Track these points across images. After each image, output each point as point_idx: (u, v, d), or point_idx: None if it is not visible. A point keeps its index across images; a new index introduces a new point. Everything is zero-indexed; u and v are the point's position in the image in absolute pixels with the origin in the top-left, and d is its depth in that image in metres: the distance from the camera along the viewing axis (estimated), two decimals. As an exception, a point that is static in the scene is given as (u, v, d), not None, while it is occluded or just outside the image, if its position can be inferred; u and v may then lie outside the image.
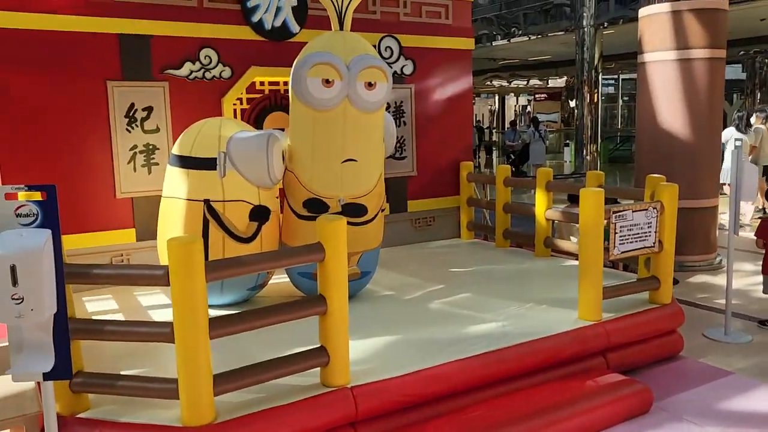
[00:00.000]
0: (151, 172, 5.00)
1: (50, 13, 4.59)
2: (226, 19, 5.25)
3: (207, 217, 4.03)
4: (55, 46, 4.63)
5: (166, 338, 2.60)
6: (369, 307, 4.27)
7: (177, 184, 4.13)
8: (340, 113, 4.04)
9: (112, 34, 4.81)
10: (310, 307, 2.88)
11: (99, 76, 4.80)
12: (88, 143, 4.81)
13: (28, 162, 4.60)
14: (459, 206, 6.55)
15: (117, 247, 4.95)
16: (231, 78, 5.30)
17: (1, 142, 4.53)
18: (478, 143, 22.83)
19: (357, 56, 4.03)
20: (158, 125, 5.03)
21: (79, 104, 4.75)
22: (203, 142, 4.09)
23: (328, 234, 2.88)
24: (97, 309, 4.33)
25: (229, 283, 4.12)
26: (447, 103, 6.51)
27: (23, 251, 2.08)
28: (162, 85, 5.02)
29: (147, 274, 2.62)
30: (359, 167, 4.14)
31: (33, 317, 2.11)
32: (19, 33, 4.50)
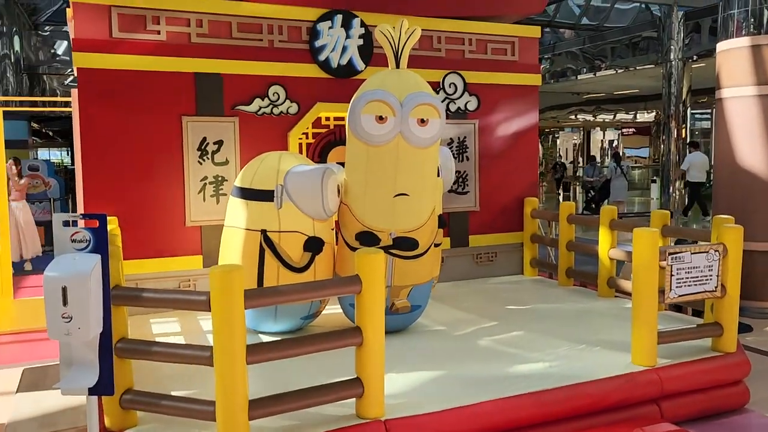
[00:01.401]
0: (219, 202, 5.27)
1: (134, 54, 5.00)
2: (294, 57, 5.51)
3: (263, 247, 4.21)
4: (137, 84, 5.02)
5: (206, 362, 2.73)
6: (416, 340, 4.27)
7: (237, 215, 4.34)
8: (393, 148, 4.13)
9: (188, 73, 5.17)
10: (346, 338, 2.94)
11: (175, 111, 5.15)
12: (162, 174, 5.14)
13: (108, 190, 4.98)
14: (522, 242, 6.46)
15: (185, 273, 5.23)
16: (297, 113, 5.54)
17: (86, 171, 4.94)
18: (559, 178, 22.37)
19: (411, 93, 4.13)
20: (227, 158, 5.31)
21: (156, 137, 5.11)
22: (263, 174, 4.29)
23: (365, 266, 2.94)
24: (161, 330, 4.58)
25: (283, 311, 4.26)
26: (512, 139, 6.48)
27: (74, 274, 2.27)
28: (232, 120, 5.32)
29: (189, 299, 2.77)
30: (411, 202, 4.20)
31: (80, 336, 2.29)
32: (105, 72, 4.92)
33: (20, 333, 6.10)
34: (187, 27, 5.17)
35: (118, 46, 4.95)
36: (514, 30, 6.43)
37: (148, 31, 5.05)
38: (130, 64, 4.99)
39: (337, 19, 5.60)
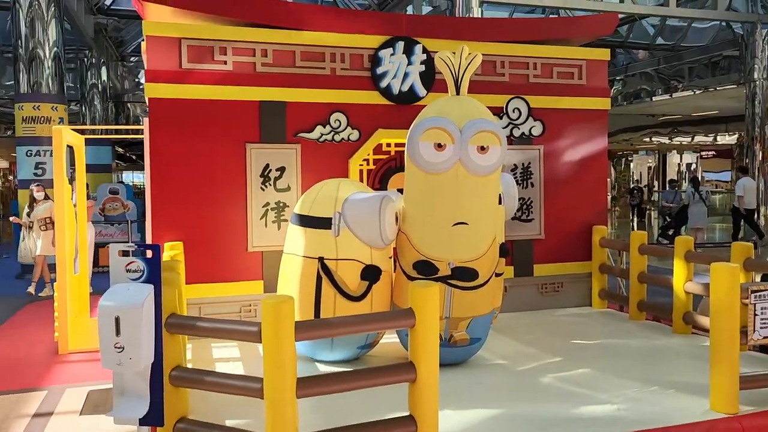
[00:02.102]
0: (280, 228, 5.32)
1: (202, 84, 5.15)
2: (356, 85, 5.54)
3: (320, 274, 4.19)
4: (204, 113, 5.16)
5: (256, 394, 2.70)
6: (475, 375, 4.12)
7: (296, 241, 4.34)
8: (452, 176, 4.04)
9: (253, 101, 5.28)
10: (399, 374, 2.85)
11: (240, 139, 5.25)
12: (226, 200, 5.24)
13: (175, 215, 5.11)
14: (590, 272, 6.19)
15: (246, 298, 5.28)
16: (359, 140, 5.55)
17: (154, 197, 5.10)
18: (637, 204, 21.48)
19: (471, 120, 4.03)
20: (289, 184, 5.37)
21: (220, 164, 5.22)
22: (321, 202, 4.29)
23: (419, 299, 2.85)
24: (221, 355, 4.62)
25: (339, 341, 4.21)
26: (579, 164, 6.26)
27: (127, 304, 2.29)
28: (294, 147, 5.38)
29: (242, 329, 2.76)
30: (470, 231, 4.09)
31: (131, 366, 2.30)
32: (174, 102, 5.08)
33: (95, 352, 6.32)
34: (253, 57, 5.29)
35: (187, 76, 5.12)
36: (581, 53, 6.25)
37: (216, 61, 5.20)
38: (198, 93, 5.14)
39: (399, 46, 5.60)
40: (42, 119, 10.98)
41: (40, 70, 11.08)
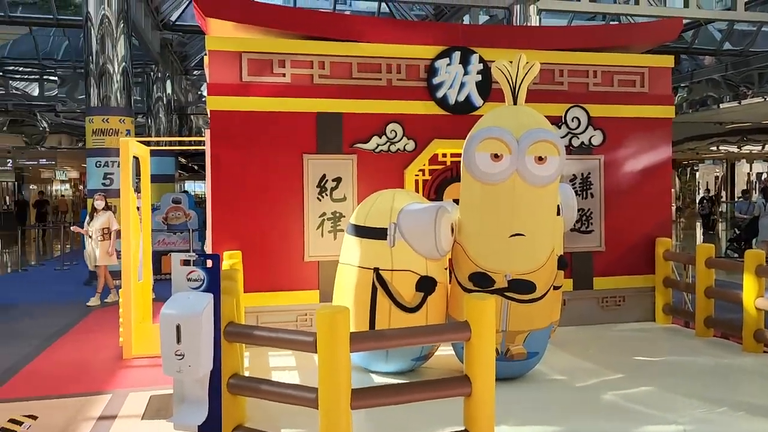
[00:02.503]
0: (336, 238, 5.36)
1: (261, 96, 5.26)
2: (412, 95, 5.55)
3: (375, 285, 4.19)
4: (263, 125, 5.27)
5: (311, 404, 2.71)
6: (532, 390, 4.02)
7: (351, 252, 4.36)
8: (509, 187, 3.98)
9: (310, 112, 5.35)
10: (454, 388, 2.81)
11: (297, 150, 5.34)
12: (283, 210, 5.33)
13: (234, 224, 5.23)
14: (654, 286, 5.97)
15: (302, 307, 5.34)
16: (414, 150, 5.54)
17: (214, 207, 5.23)
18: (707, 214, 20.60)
19: (528, 130, 3.97)
20: (345, 195, 5.41)
21: (278, 175, 5.31)
22: (376, 212, 4.30)
23: (475, 313, 2.81)
24: (277, 364, 4.68)
25: (394, 352, 4.20)
26: (641, 174, 6.06)
27: (187, 313, 2.34)
28: (351, 157, 5.42)
29: (298, 339, 2.78)
30: (527, 242, 4.01)
31: (191, 373, 2.35)
32: (234, 114, 5.21)
33: (157, 357, 6.51)
34: (310, 69, 5.37)
35: (247, 89, 5.24)
36: (644, 60, 6.07)
37: (275, 74, 5.30)
38: (257, 105, 5.25)
39: (456, 56, 5.58)
40: (110, 131, 11.46)
41: (109, 84, 11.57)
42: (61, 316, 8.92)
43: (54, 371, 6.36)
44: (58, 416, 4.90)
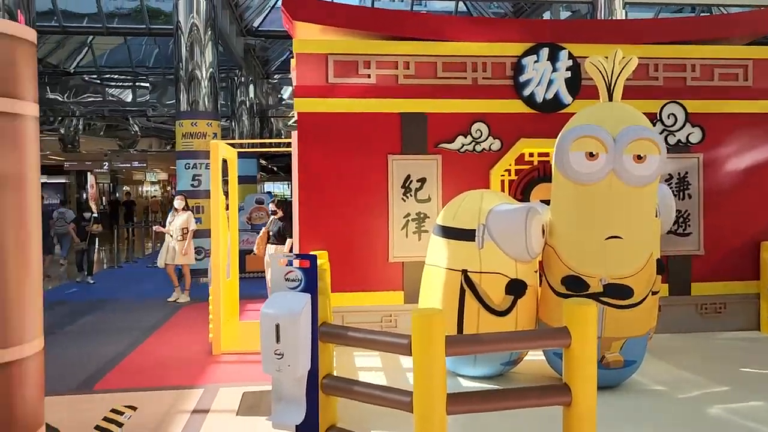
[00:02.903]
0: (420, 239, 5.32)
1: (347, 97, 5.30)
2: (498, 94, 5.43)
3: (464, 287, 4.12)
4: (348, 126, 5.31)
5: (406, 408, 2.68)
6: (630, 401, 3.84)
7: (438, 253, 4.31)
8: (605, 187, 3.81)
9: (395, 113, 5.34)
10: (553, 396, 2.71)
11: (382, 150, 5.34)
12: (368, 210, 5.34)
13: (320, 225, 5.29)
14: (758, 293, 5.58)
15: (387, 308, 5.33)
16: (500, 150, 5.43)
17: (301, 207, 5.31)
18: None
19: (626, 127, 3.79)
20: (430, 195, 5.37)
21: (363, 176, 5.33)
22: (465, 213, 4.23)
23: (576, 318, 2.69)
24: (363, 364, 4.69)
25: (483, 356, 4.11)
26: (745, 174, 5.69)
27: (286, 312, 2.36)
28: (435, 158, 5.37)
29: (392, 341, 2.75)
30: (625, 245, 3.83)
31: (290, 373, 2.37)
32: (321, 116, 5.28)
33: (244, 353, 6.70)
34: (395, 69, 5.36)
35: (333, 90, 5.30)
36: (747, 52, 5.70)
37: (360, 75, 5.33)
38: (343, 107, 5.30)
39: (543, 53, 5.43)
40: (198, 134, 11.92)
41: (197, 89, 12.05)
42: (154, 311, 9.33)
43: (149, 364, 6.64)
44: (155, 408, 5.11)
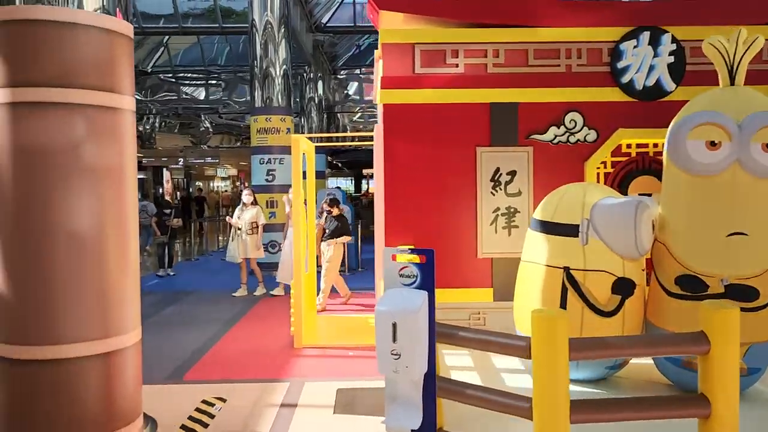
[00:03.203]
0: (510, 234, 5.11)
1: (434, 88, 5.13)
2: (593, 81, 5.13)
3: (566, 286, 3.89)
4: (435, 117, 5.14)
5: (524, 413, 2.50)
6: (755, 411, 3.51)
7: (537, 249, 4.09)
8: (728, 179, 3.50)
9: (484, 103, 5.13)
10: (690, 407, 2.47)
11: (471, 143, 5.14)
12: (456, 204, 5.16)
13: (407, 219, 5.15)
14: None
15: (475, 305, 5.14)
16: (596, 141, 5.13)
17: (387, 201, 5.18)
18: None
19: (753, 114, 3.46)
20: (520, 189, 5.13)
21: (451, 169, 5.15)
22: (566, 207, 3.99)
23: (715, 323, 2.44)
24: (455, 364, 4.52)
25: (585, 358, 3.87)
26: None
27: (404, 310, 2.22)
28: (526, 150, 5.13)
29: (509, 343, 2.58)
30: (750, 242, 3.50)
31: (407, 374, 2.23)
32: (407, 107, 5.13)
33: (324, 348, 6.67)
34: (484, 58, 5.15)
35: (420, 81, 5.13)
36: None
37: (447, 64, 5.14)
38: (430, 98, 5.13)
39: (644, 37, 5.09)
40: (272, 130, 12.04)
41: (271, 86, 12.17)
42: (232, 304, 9.45)
43: (233, 356, 6.68)
44: (243, 400, 5.11)
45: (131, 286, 3.99)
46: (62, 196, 3.59)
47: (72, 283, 3.64)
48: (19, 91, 3.60)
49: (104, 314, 3.82)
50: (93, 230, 3.70)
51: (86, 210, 3.68)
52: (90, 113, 3.74)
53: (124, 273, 3.91)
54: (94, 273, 3.72)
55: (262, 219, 9.61)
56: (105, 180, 3.79)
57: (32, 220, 3.57)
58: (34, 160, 3.58)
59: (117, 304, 3.88)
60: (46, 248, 3.58)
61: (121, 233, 3.87)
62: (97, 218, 3.73)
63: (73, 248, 3.62)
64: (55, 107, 3.61)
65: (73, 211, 3.64)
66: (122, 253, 3.89)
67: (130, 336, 4.01)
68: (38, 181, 3.58)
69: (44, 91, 3.59)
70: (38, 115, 3.59)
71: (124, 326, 3.95)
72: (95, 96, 3.77)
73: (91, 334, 3.75)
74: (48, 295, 3.60)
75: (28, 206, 3.59)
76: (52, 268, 3.58)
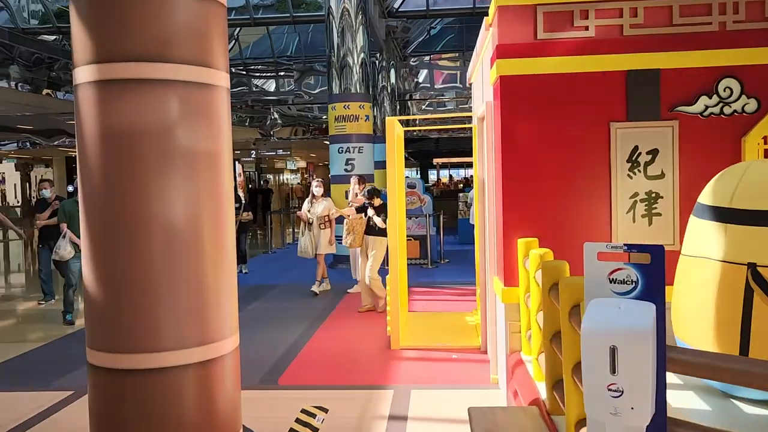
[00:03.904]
0: (651, 224, 4.38)
1: (559, 55, 4.44)
2: (753, 41, 4.32)
3: (751, 286, 3.15)
4: (560, 89, 4.45)
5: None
6: None
7: (707, 241, 3.36)
8: None
9: (619, 71, 4.41)
10: None
11: (603, 117, 4.43)
12: (586, 189, 4.47)
13: (527, 208, 4.51)
14: None
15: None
16: (757, 112, 4.32)
17: (504, 188, 4.54)
18: None
19: None
20: (663, 170, 4.38)
21: (579, 148, 4.46)
22: (749, 189, 3.24)
23: None
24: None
25: None
26: None
27: (628, 330, 1.60)
28: (671, 124, 4.37)
29: (761, 372, 1.89)
30: None
31: (632, 418, 1.60)
32: (527, 79, 4.46)
33: (421, 349, 6.10)
34: (619, 18, 4.41)
35: (543, 48, 4.45)
36: None
37: (575, 27, 4.44)
38: (555, 67, 4.45)
39: (817, -15, 4.23)
40: (351, 117, 11.55)
41: (349, 75, 11.68)
42: (316, 299, 9.01)
43: (327, 358, 6.22)
44: (346, 410, 4.61)
45: (229, 285, 3.53)
46: (157, 185, 3.14)
47: (169, 283, 3.20)
48: (107, 68, 3.16)
49: (202, 318, 3.36)
50: (190, 224, 3.25)
51: (183, 201, 3.22)
52: (185, 91, 3.27)
53: (221, 272, 3.44)
54: (191, 272, 3.26)
55: (334, 212, 8.90)
56: (201, 166, 3.32)
57: (126, 212, 3.14)
58: (124, 145, 3.14)
59: (215, 306, 3.42)
60: (141, 244, 3.14)
61: (218, 227, 3.40)
62: (194, 209, 3.27)
63: (169, 244, 3.17)
64: (147, 84, 3.15)
65: (170, 202, 3.18)
66: (219, 250, 3.42)
67: (229, 342, 3.55)
68: (131, 168, 3.14)
69: (135, 67, 3.13)
70: (129, 93, 3.14)
71: (222, 331, 3.49)
72: (190, 71, 3.30)
73: (189, 341, 3.30)
74: (143, 297, 3.17)
75: (120, 197, 3.15)
76: (147, 266, 3.14)
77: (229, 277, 3.54)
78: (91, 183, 3.19)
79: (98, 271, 3.19)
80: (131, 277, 3.15)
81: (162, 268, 3.15)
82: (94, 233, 3.20)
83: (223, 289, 3.50)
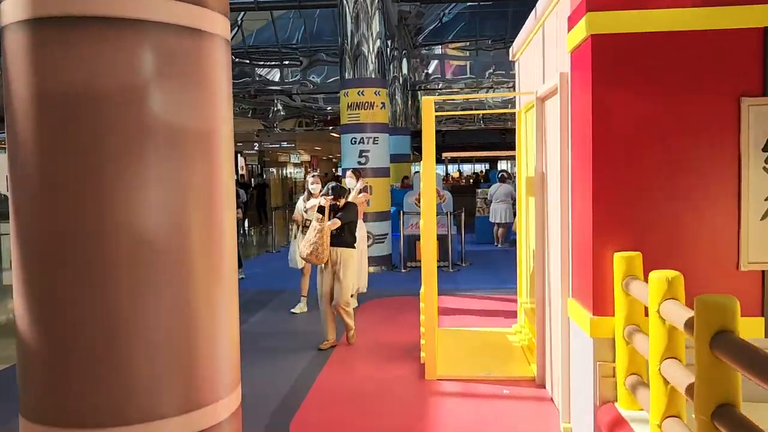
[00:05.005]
0: (794, 234, 3.26)
1: (667, 7, 3.32)
2: None
3: None
4: (669, 54, 3.33)
5: None
6: None
7: None
8: None
9: (754, 29, 3.28)
10: None
11: (731, 91, 3.31)
12: (703, 188, 3.35)
13: (625, 213, 3.39)
14: None
15: (733, 342, 3.32)
16: None
17: (595, 187, 3.41)
18: None
19: None
20: (810, 162, 3.27)
21: (694, 134, 3.34)
22: None
23: None
24: None
25: None
26: None
27: None
28: (823, 100, 3.25)
29: None
30: None
31: None
32: (622, 39, 3.34)
33: (462, 380, 4.97)
34: (755, -43, 3.29)
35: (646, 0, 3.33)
36: None
37: (695, -31, 3.32)
38: (663, 23, 3.32)
39: None
40: (366, 105, 10.42)
41: (363, 64, 10.60)
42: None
43: (349, 390, 5.12)
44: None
45: (227, 323, 2.43)
46: (125, 179, 2.05)
47: (141, 325, 2.11)
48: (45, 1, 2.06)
49: (190, 373, 2.26)
50: (172, 236, 2.16)
51: (162, 203, 2.13)
52: (165, 38, 2.16)
53: (216, 304, 2.34)
54: (174, 307, 2.18)
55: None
56: (189, 152, 2.22)
57: (78, 221, 2.04)
58: (76, 118, 2.04)
59: (208, 355, 2.32)
60: (100, 268, 2.05)
61: (212, 239, 2.30)
62: (178, 216, 2.18)
63: (141, 267, 2.08)
64: (110, 26, 2.05)
65: (143, 204, 2.09)
66: (214, 272, 2.32)
67: (227, 403, 2.44)
68: (84, 154, 2.05)
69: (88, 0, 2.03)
70: (82, 40, 2.04)
71: (216, 390, 2.38)
72: (174, 9, 2.18)
73: (169, 408, 2.21)
74: (103, 346, 2.07)
75: (70, 198, 2.06)
76: (109, 301, 2.06)
77: (227, 310, 2.43)
78: (24, 177, 2.08)
79: (37, 311, 2.09)
80: (85, 317, 2.04)
81: (130, 304, 2.04)
82: (30, 253, 2.09)
83: (220, 328, 2.39)
